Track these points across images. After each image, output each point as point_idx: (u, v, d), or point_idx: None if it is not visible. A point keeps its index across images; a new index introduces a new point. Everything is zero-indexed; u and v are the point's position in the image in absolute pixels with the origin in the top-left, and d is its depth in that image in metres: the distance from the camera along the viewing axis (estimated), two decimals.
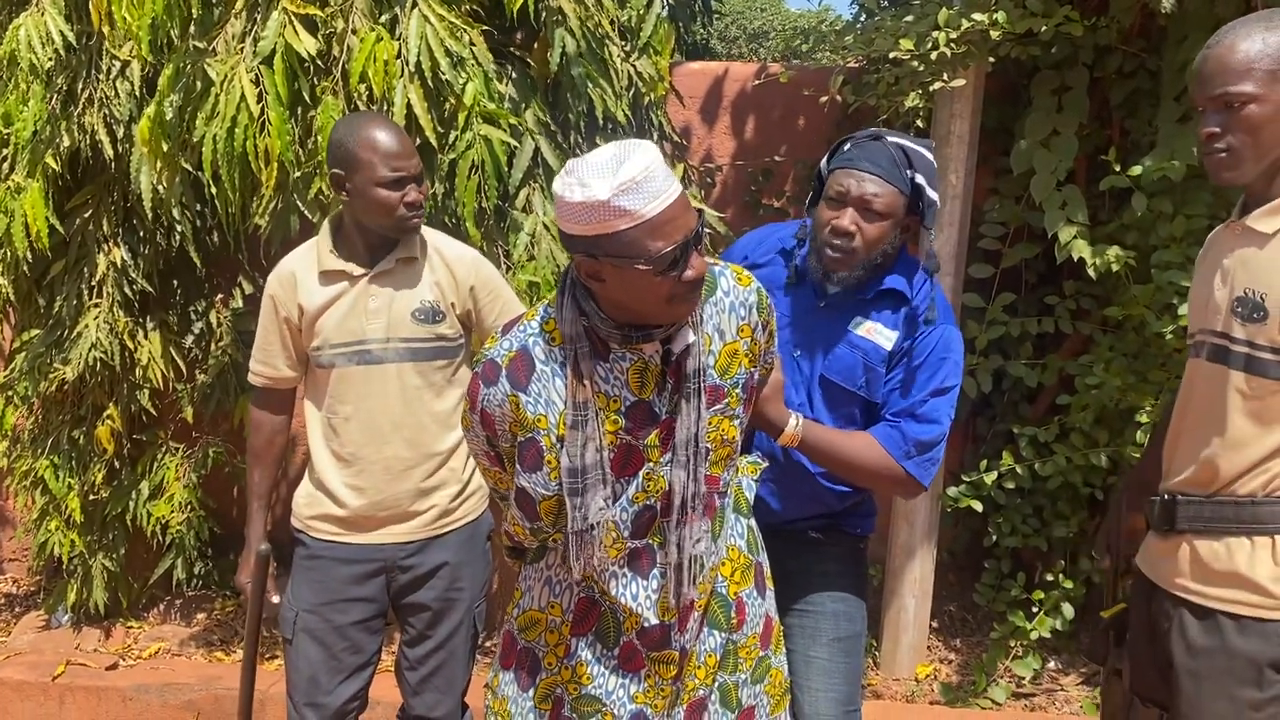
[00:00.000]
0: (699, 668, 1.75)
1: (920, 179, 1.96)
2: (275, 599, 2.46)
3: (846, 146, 2.03)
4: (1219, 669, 1.72)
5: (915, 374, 2.02)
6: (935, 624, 3.95)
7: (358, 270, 2.31)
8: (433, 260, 2.36)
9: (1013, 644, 3.69)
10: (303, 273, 2.34)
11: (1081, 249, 3.31)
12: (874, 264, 2.00)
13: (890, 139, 1.99)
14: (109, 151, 3.33)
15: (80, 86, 3.36)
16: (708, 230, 3.31)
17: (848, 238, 1.95)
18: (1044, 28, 3.21)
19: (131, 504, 3.74)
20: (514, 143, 3.01)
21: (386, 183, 2.21)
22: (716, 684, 1.78)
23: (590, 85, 3.10)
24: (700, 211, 1.53)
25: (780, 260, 2.17)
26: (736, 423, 1.69)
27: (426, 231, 2.41)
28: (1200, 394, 1.80)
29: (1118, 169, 3.26)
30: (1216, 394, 1.75)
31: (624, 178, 1.43)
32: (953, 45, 3.21)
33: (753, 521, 1.87)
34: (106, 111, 3.35)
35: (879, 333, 2.04)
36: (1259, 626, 1.69)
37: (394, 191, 2.22)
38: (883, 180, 1.94)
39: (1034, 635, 3.60)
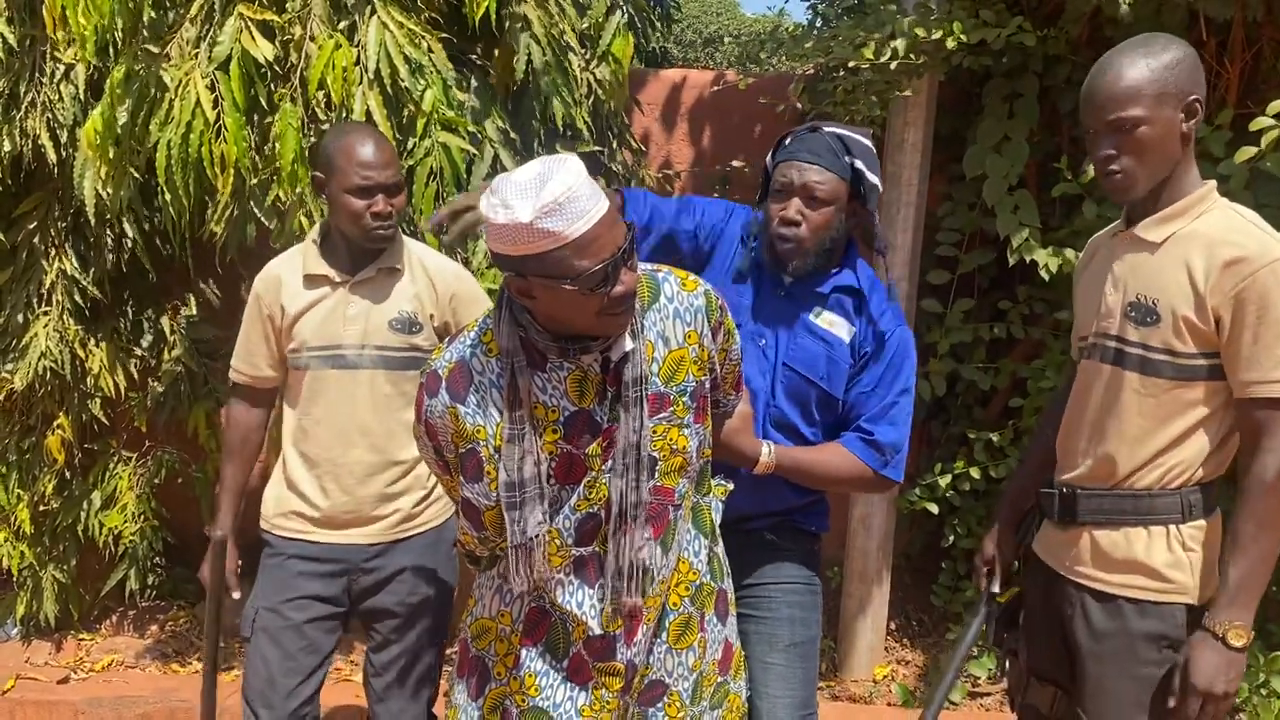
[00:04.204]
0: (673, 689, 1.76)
1: (859, 164, 2.03)
2: (236, 594, 2.47)
3: (788, 141, 2.09)
4: (1121, 650, 1.85)
5: (884, 377, 2.09)
6: (893, 626, 4.00)
7: (340, 276, 2.34)
8: (415, 272, 2.39)
9: None
10: (288, 275, 2.37)
11: (1034, 251, 3.38)
12: (824, 250, 2.06)
13: (827, 129, 2.06)
14: (52, 156, 3.27)
15: (23, 90, 3.30)
16: None
17: (794, 226, 2.02)
18: (996, 38, 3.27)
19: (83, 514, 3.68)
20: (473, 150, 3.01)
21: (354, 190, 2.24)
22: (687, 719, 1.78)
23: (554, 93, 3.11)
24: (630, 225, 1.53)
25: (740, 243, 2.20)
26: (687, 432, 1.68)
27: (411, 244, 2.43)
28: (1097, 395, 1.91)
29: (1069, 176, 3.33)
30: (1113, 394, 1.86)
31: (546, 199, 1.41)
32: (911, 56, 3.26)
33: (719, 547, 1.86)
34: (50, 115, 3.29)
35: (838, 325, 2.10)
36: (1156, 609, 1.82)
37: (361, 200, 2.25)
38: (823, 168, 2.01)
39: (989, 636, 3.65)
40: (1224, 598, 1.73)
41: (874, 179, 2.05)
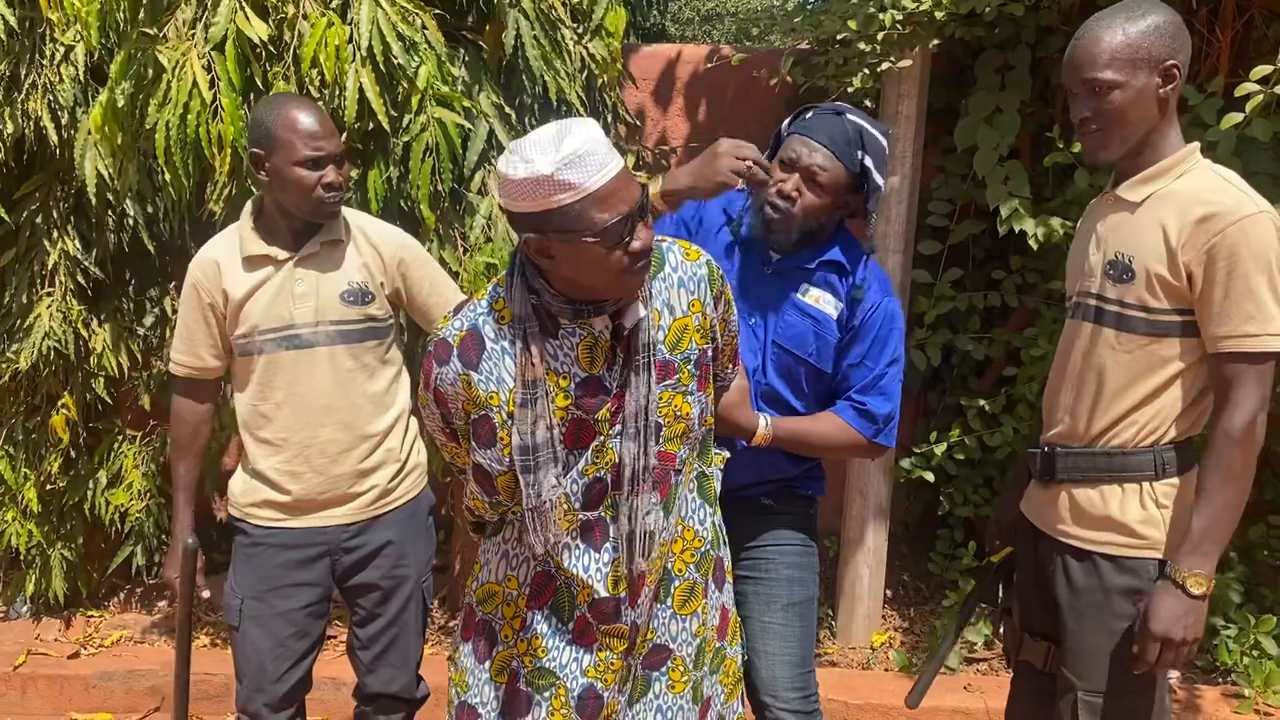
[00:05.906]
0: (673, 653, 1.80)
1: (869, 162, 2.04)
2: (205, 594, 2.46)
3: (809, 115, 2.10)
4: (1098, 605, 1.92)
5: (871, 349, 2.13)
6: (889, 593, 4.04)
7: (282, 254, 2.29)
8: (358, 241, 2.36)
9: None
10: (226, 259, 2.31)
11: (1023, 221, 3.41)
12: (807, 232, 2.08)
13: (850, 117, 2.06)
14: (54, 138, 3.30)
15: (24, 72, 3.32)
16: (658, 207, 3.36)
17: (788, 201, 2.04)
18: (987, 8, 3.28)
19: (89, 493, 3.73)
20: (468, 125, 3.03)
21: (305, 162, 2.19)
22: (690, 683, 1.82)
23: (544, 67, 3.12)
24: (644, 185, 1.57)
25: (724, 224, 2.22)
26: (690, 399, 1.72)
27: (349, 213, 2.40)
28: (1078, 352, 1.97)
29: (1061, 146, 3.35)
30: (1092, 351, 1.93)
31: (566, 152, 1.47)
32: (899, 26, 3.27)
33: (718, 516, 1.90)
34: (51, 97, 3.31)
35: (825, 301, 2.13)
36: (1130, 564, 1.89)
37: (312, 171, 2.20)
38: (833, 155, 2.02)
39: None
40: (1186, 546, 1.79)
41: (879, 180, 2.06)
